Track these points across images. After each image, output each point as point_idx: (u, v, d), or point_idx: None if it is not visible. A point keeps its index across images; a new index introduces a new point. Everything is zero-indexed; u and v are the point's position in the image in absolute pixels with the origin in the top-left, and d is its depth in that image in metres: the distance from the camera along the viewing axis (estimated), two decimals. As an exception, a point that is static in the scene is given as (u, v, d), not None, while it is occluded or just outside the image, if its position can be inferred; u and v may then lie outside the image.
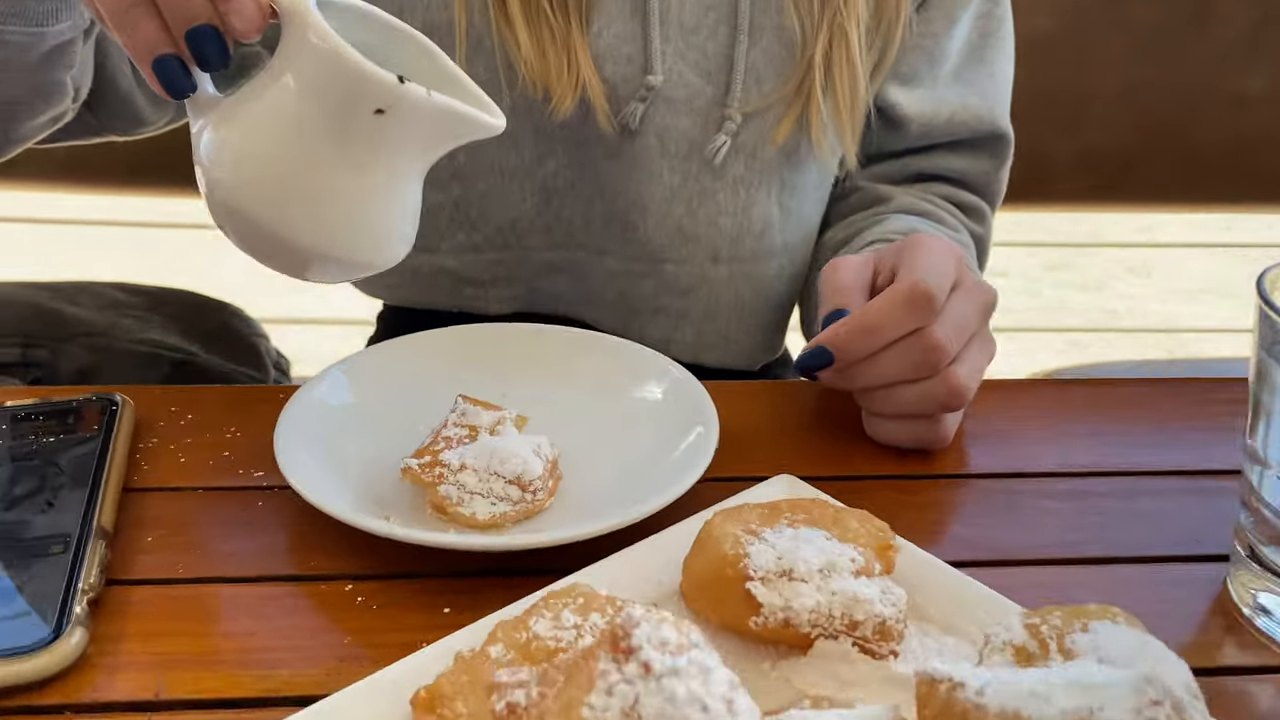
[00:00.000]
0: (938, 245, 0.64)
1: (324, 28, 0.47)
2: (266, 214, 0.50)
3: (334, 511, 0.51)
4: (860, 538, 0.48)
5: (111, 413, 0.62)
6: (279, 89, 0.49)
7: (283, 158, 0.49)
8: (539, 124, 0.77)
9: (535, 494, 0.54)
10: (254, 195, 0.49)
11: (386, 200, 0.52)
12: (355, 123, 0.49)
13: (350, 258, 0.52)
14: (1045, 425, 0.68)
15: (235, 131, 0.50)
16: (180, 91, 0.50)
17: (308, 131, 0.49)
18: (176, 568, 0.53)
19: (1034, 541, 0.58)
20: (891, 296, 0.60)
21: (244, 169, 0.50)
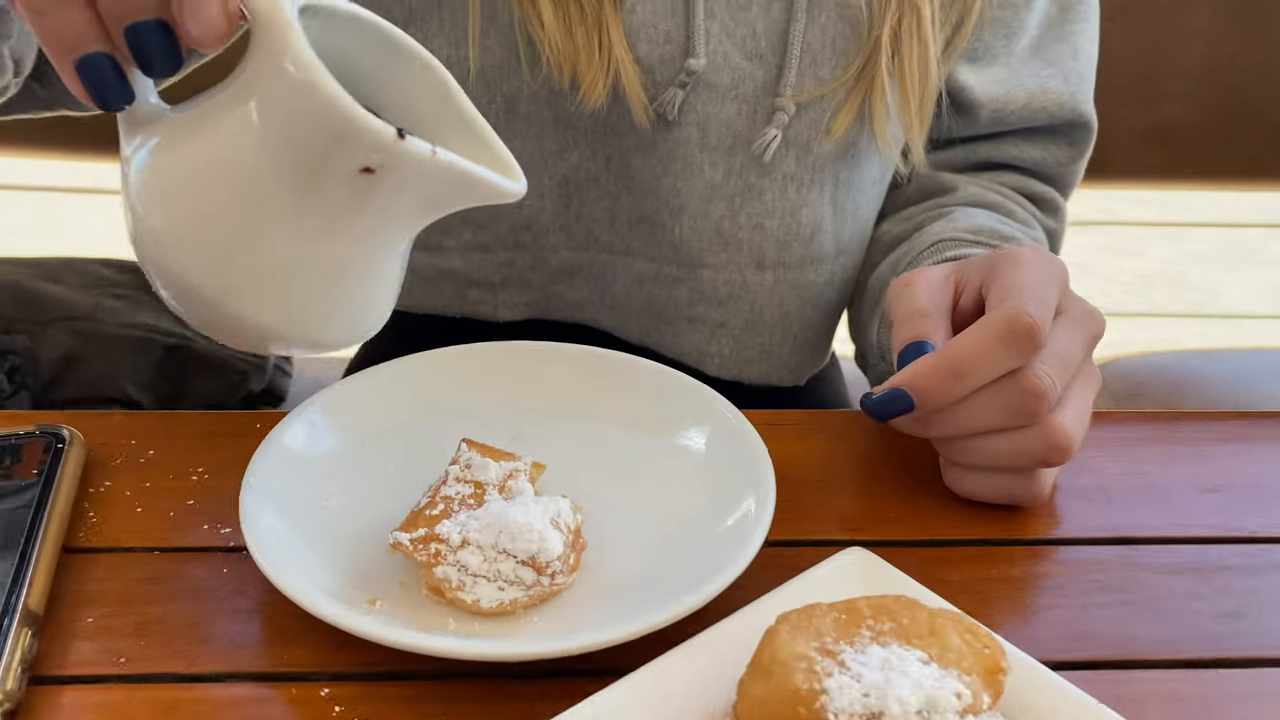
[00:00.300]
0: (1037, 261, 0.54)
1: (305, 53, 0.36)
2: (207, 281, 0.39)
3: (307, 604, 0.42)
4: (964, 659, 0.38)
5: (57, 451, 0.53)
6: (239, 121, 0.38)
7: (234, 213, 0.39)
8: (560, 112, 0.67)
9: (554, 577, 0.44)
10: (193, 256, 0.39)
11: (364, 275, 0.41)
12: (334, 181, 0.38)
13: (310, 339, 0.42)
14: (1150, 470, 0.58)
15: (177, 169, 0.39)
16: (113, 101, 0.39)
17: (270, 183, 0.38)
18: (118, 659, 0.44)
19: (1159, 634, 0.47)
20: (986, 330, 0.50)
21: (183, 220, 0.39)
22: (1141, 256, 2.33)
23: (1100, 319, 0.54)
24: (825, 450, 0.58)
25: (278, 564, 0.44)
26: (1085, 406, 0.53)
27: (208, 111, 0.39)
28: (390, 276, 0.43)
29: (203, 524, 0.51)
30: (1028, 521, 0.54)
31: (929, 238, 0.69)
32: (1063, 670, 0.45)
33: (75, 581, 0.48)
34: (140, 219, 0.39)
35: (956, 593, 0.49)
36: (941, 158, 0.77)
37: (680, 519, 0.49)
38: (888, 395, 0.51)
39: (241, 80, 0.38)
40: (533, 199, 0.69)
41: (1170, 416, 0.62)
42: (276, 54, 0.36)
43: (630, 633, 0.41)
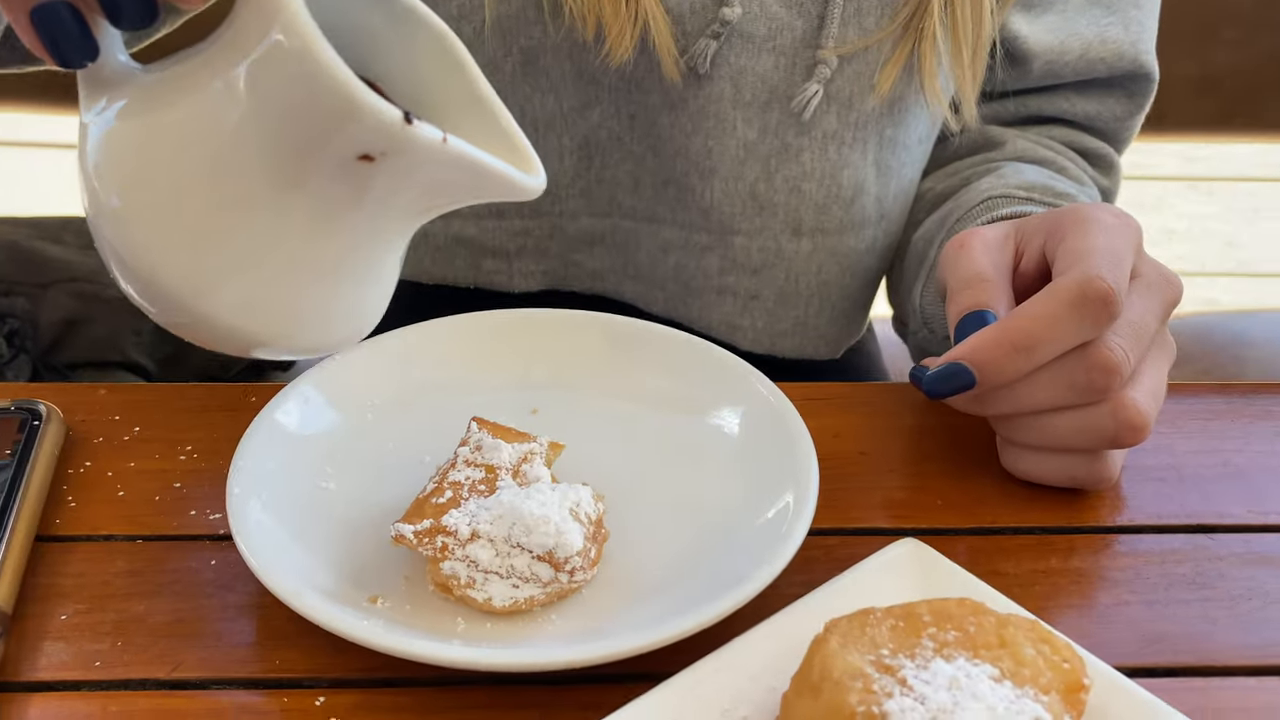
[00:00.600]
0: (1108, 219, 0.48)
1: (300, 17, 0.30)
2: (172, 274, 0.34)
3: (300, 607, 0.37)
4: (1040, 675, 0.34)
5: (33, 429, 0.48)
6: (220, 89, 0.32)
7: (207, 195, 0.33)
8: (583, 65, 0.61)
9: (573, 574, 0.40)
10: (156, 244, 0.33)
11: (355, 274, 0.36)
12: (328, 167, 0.33)
13: (290, 345, 0.37)
14: (1225, 447, 0.52)
15: (143, 139, 0.33)
16: (74, 56, 0.33)
17: (252, 163, 0.32)
18: (94, 663, 0.40)
19: (1244, 636, 0.43)
20: (1055, 298, 0.44)
21: (146, 200, 0.33)
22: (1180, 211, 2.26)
23: (1178, 284, 0.49)
24: (868, 426, 0.53)
25: (268, 560, 0.39)
26: (1160, 381, 0.48)
27: (184, 74, 0.34)
28: (385, 276, 0.38)
29: (190, 509, 0.47)
30: (1091, 506, 0.49)
31: (977, 194, 0.64)
32: (1141, 678, 0.40)
33: (49, 574, 0.43)
34: (97, 196, 0.34)
35: (1013, 586, 0.44)
36: (990, 110, 0.71)
37: (712, 508, 0.45)
38: (945, 371, 0.46)
39: (226, 39, 0.33)
40: (551, 161, 0.64)
41: (1245, 388, 0.57)
42: (268, 15, 0.31)
43: (657, 640, 0.37)
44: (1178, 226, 2.24)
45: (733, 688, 0.37)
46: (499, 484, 0.42)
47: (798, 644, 0.37)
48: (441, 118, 0.36)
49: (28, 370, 1.02)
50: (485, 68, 0.62)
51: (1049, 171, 0.68)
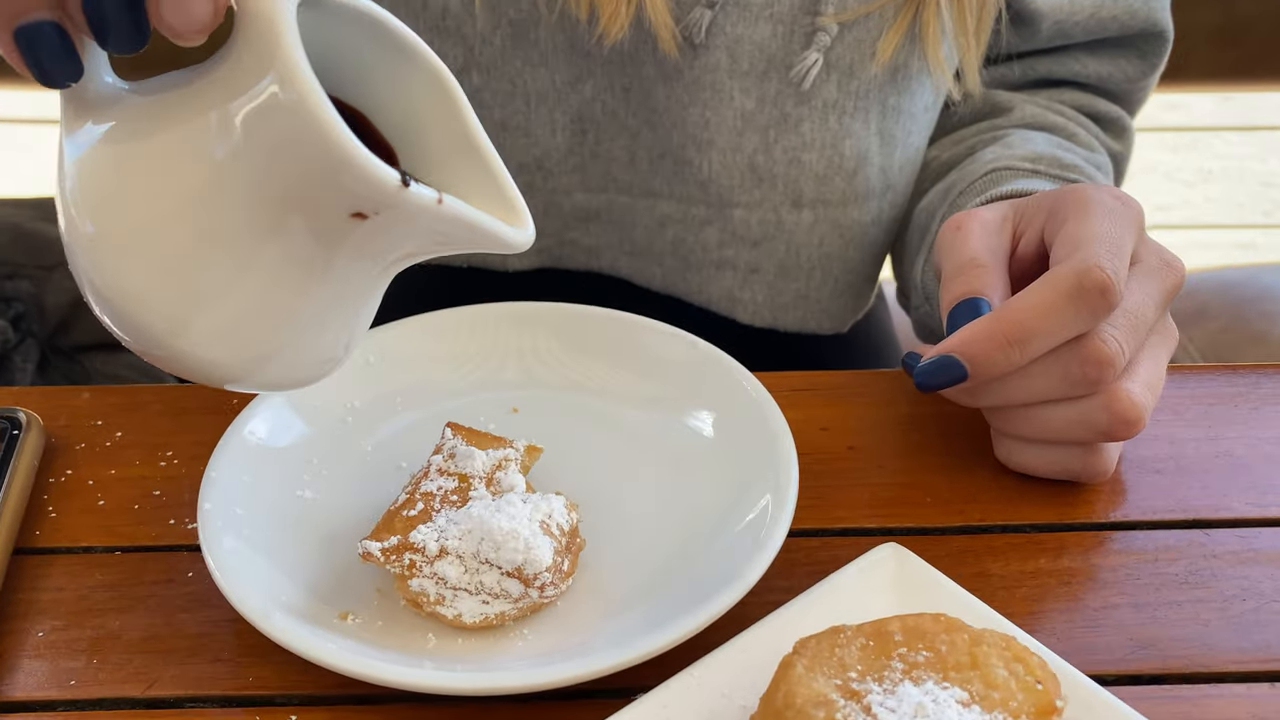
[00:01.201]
0: (1108, 203, 0.47)
1: (300, 70, 0.29)
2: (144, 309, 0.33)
3: (267, 629, 0.37)
4: (1011, 697, 0.33)
5: (12, 439, 0.48)
6: (210, 126, 0.31)
7: (186, 231, 0.32)
8: (575, 37, 0.59)
9: (543, 589, 0.39)
10: (131, 277, 0.32)
11: (335, 317, 0.35)
12: (317, 220, 0.32)
13: (263, 383, 0.36)
14: (1228, 435, 0.51)
15: (124, 165, 0.32)
16: (57, 76, 0.32)
17: (238, 206, 0.31)
18: (69, 681, 0.40)
19: (1239, 640, 0.41)
20: (1052, 288, 0.43)
21: (123, 229, 0.32)
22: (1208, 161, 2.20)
23: (1180, 269, 0.47)
24: (858, 418, 0.52)
25: (238, 578, 0.39)
26: (1158, 372, 0.46)
27: (173, 103, 0.32)
28: (365, 315, 0.37)
29: (169, 518, 0.47)
30: (1085, 501, 0.48)
31: (982, 165, 0.62)
32: (1126, 685, 0.40)
33: (28, 588, 0.43)
34: (73, 221, 0.33)
35: (999, 589, 0.44)
36: (996, 74, 0.69)
37: (690, 513, 0.44)
38: (937, 364, 0.45)
39: (220, 74, 0.31)
40: (544, 136, 0.63)
41: (1252, 369, 0.55)
42: (264, 58, 0.30)
43: (629, 659, 0.36)
44: (1213, 166, 2.19)
45: (705, 707, 0.36)
46: (471, 494, 0.42)
47: (769, 660, 0.36)
48: (432, 158, 0.36)
49: (36, 354, 1.02)
50: (475, 40, 0.61)
51: (1057, 139, 0.66)
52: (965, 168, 0.64)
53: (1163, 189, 2.13)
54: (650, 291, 0.70)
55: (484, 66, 0.61)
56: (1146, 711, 0.37)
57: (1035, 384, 0.45)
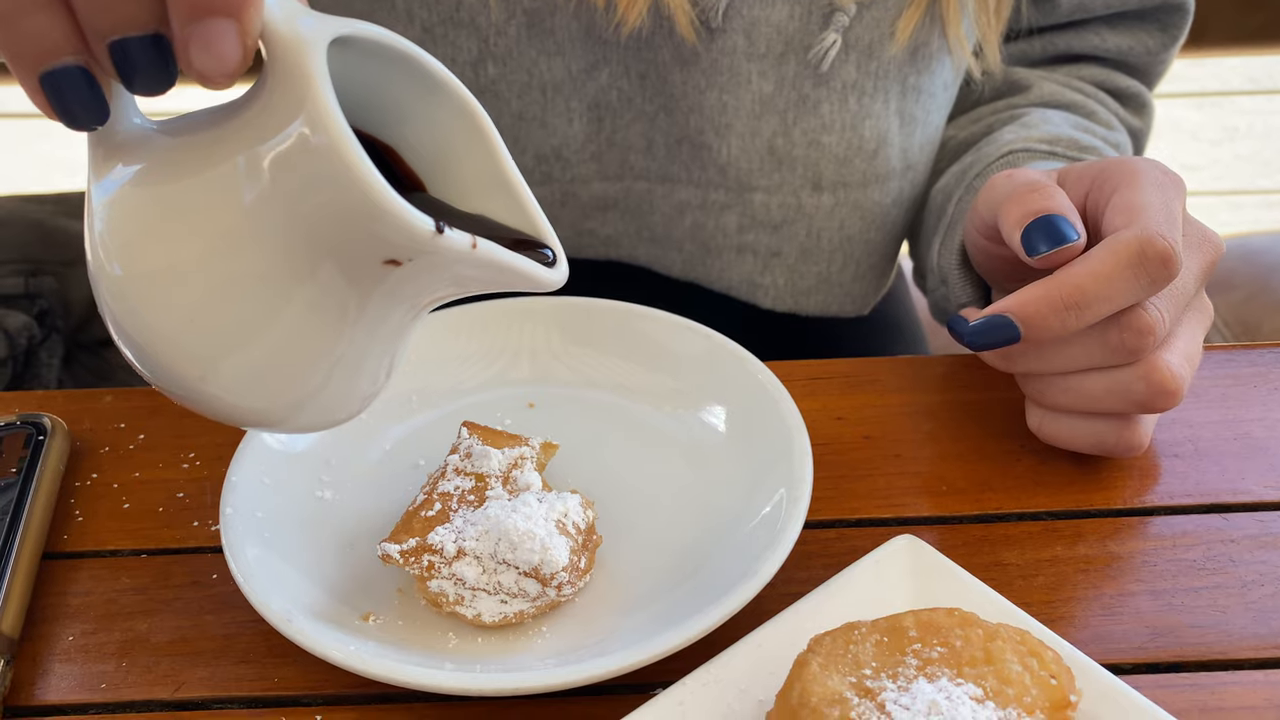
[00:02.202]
0: (1158, 175, 0.46)
1: (331, 115, 0.28)
2: (170, 351, 0.32)
3: (290, 633, 0.38)
4: (1025, 693, 0.33)
5: (38, 444, 0.49)
6: (239, 169, 0.30)
7: (212, 277, 0.31)
8: (590, 24, 0.59)
9: (560, 588, 0.39)
10: (154, 317, 0.32)
11: (364, 361, 0.34)
12: (350, 268, 0.31)
13: (292, 427, 0.36)
14: (1247, 417, 0.51)
15: (151, 209, 0.31)
16: (85, 120, 0.31)
17: (266, 253, 0.31)
18: (99, 685, 0.41)
19: (1258, 626, 0.41)
20: (1114, 254, 0.42)
21: (147, 272, 0.32)
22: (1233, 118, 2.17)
23: (1218, 244, 0.47)
24: (872, 407, 0.52)
25: (260, 582, 0.40)
26: (1195, 344, 0.46)
27: (201, 145, 0.32)
28: (400, 355, 0.37)
29: (193, 520, 0.47)
30: (1100, 487, 0.48)
31: (999, 147, 0.61)
32: (1143, 674, 0.40)
33: (57, 593, 0.44)
34: (100, 262, 0.33)
35: (1015, 578, 0.44)
36: (1015, 50, 0.68)
37: (705, 508, 0.44)
38: (989, 323, 0.44)
39: (250, 116, 0.31)
40: (560, 125, 0.63)
41: (1272, 347, 0.55)
42: (294, 100, 0.29)
43: (646, 657, 0.37)
44: (1239, 123, 2.15)
45: (721, 703, 0.37)
46: (488, 493, 0.42)
47: (786, 655, 0.37)
48: (463, 192, 0.35)
49: (60, 350, 1.03)
50: (490, 31, 0.61)
51: (1076, 118, 0.65)
52: (982, 149, 0.63)
53: (1188, 148, 2.10)
54: (670, 279, 0.70)
55: (499, 57, 0.61)
56: (1163, 700, 0.37)
57: (1074, 351, 0.44)
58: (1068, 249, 0.43)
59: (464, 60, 0.61)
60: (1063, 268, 0.43)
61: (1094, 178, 0.47)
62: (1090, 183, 0.47)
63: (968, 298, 0.57)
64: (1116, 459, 0.49)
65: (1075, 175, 0.48)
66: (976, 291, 0.57)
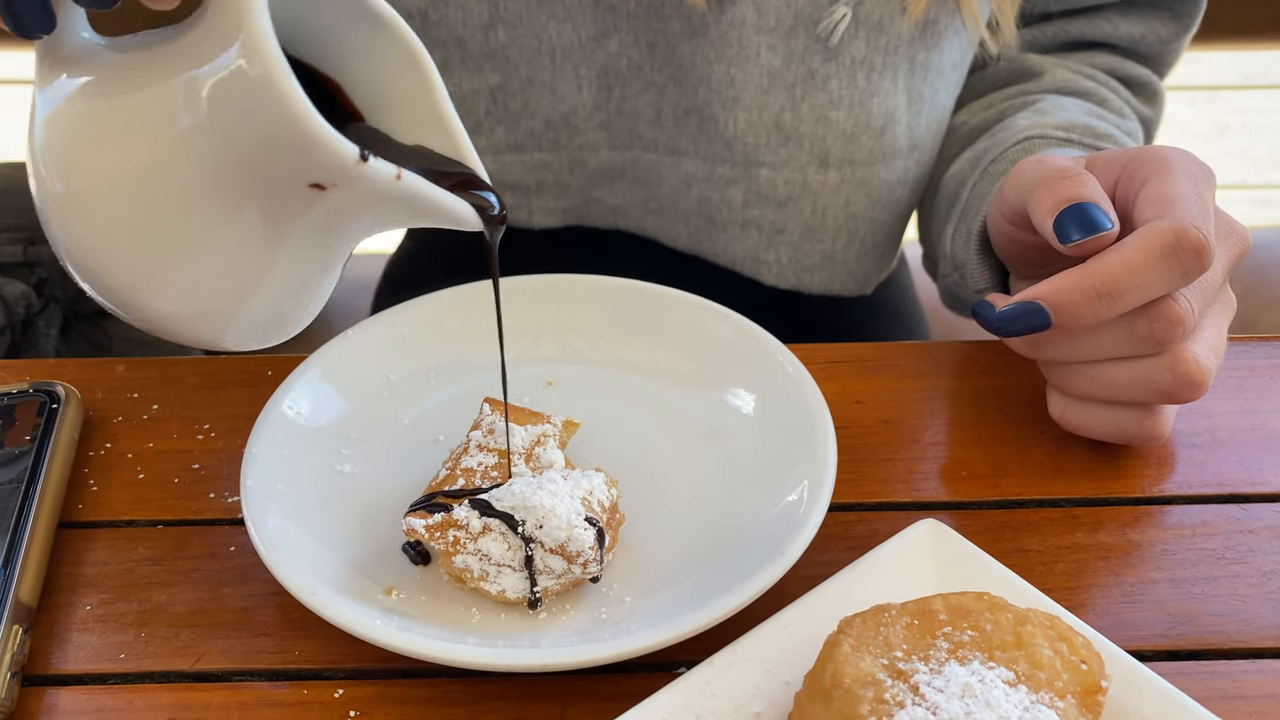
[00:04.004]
0: (1189, 166, 0.46)
1: (266, 43, 0.30)
2: (111, 267, 0.34)
3: (314, 605, 0.38)
4: (1057, 677, 0.33)
5: (51, 413, 0.49)
6: (177, 91, 0.32)
7: (152, 190, 0.33)
8: None
9: (585, 565, 0.39)
10: (96, 234, 0.33)
11: (294, 281, 0.36)
12: (278, 188, 0.33)
13: (231, 343, 0.37)
14: (1264, 408, 0.51)
15: (93, 122, 0.33)
16: (31, 26, 0.33)
17: (202, 170, 0.32)
18: (118, 655, 0.40)
19: (1270, 617, 0.42)
20: (1148, 244, 0.42)
21: (87, 188, 0.33)
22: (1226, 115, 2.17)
23: (1245, 237, 0.47)
24: (890, 391, 0.52)
25: (283, 554, 0.39)
26: (1221, 337, 0.46)
27: (143, 64, 0.33)
28: (325, 284, 0.38)
29: (209, 491, 0.47)
30: (1119, 476, 0.48)
31: (1015, 133, 0.61)
32: (1164, 661, 0.40)
33: (73, 562, 0.44)
34: (43, 180, 0.34)
35: (1036, 564, 0.44)
36: (1028, 36, 0.68)
37: (728, 490, 0.44)
38: (1021, 309, 0.44)
39: (191, 39, 0.32)
40: (569, 92, 0.62)
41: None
42: (232, 28, 0.31)
43: (670, 637, 0.37)
44: (1231, 121, 2.16)
45: (748, 682, 0.37)
46: (512, 470, 0.42)
47: (812, 637, 0.37)
48: (402, 130, 0.37)
49: (59, 319, 1.03)
50: None
51: (1089, 105, 0.65)
52: (997, 135, 0.63)
53: (1181, 144, 2.11)
54: (676, 252, 0.70)
55: (509, 22, 0.60)
56: (1185, 687, 0.37)
57: (1101, 339, 0.44)
58: (1101, 238, 0.43)
59: (474, 24, 0.61)
60: (1095, 256, 0.43)
61: (1124, 166, 0.47)
62: (1120, 171, 0.47)
63: (986, 283, 0.56)
64: (1136, 448, 0.49)
65: (1104, 163, 0.48)
66: (994, 277, 0.57)
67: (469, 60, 0.62)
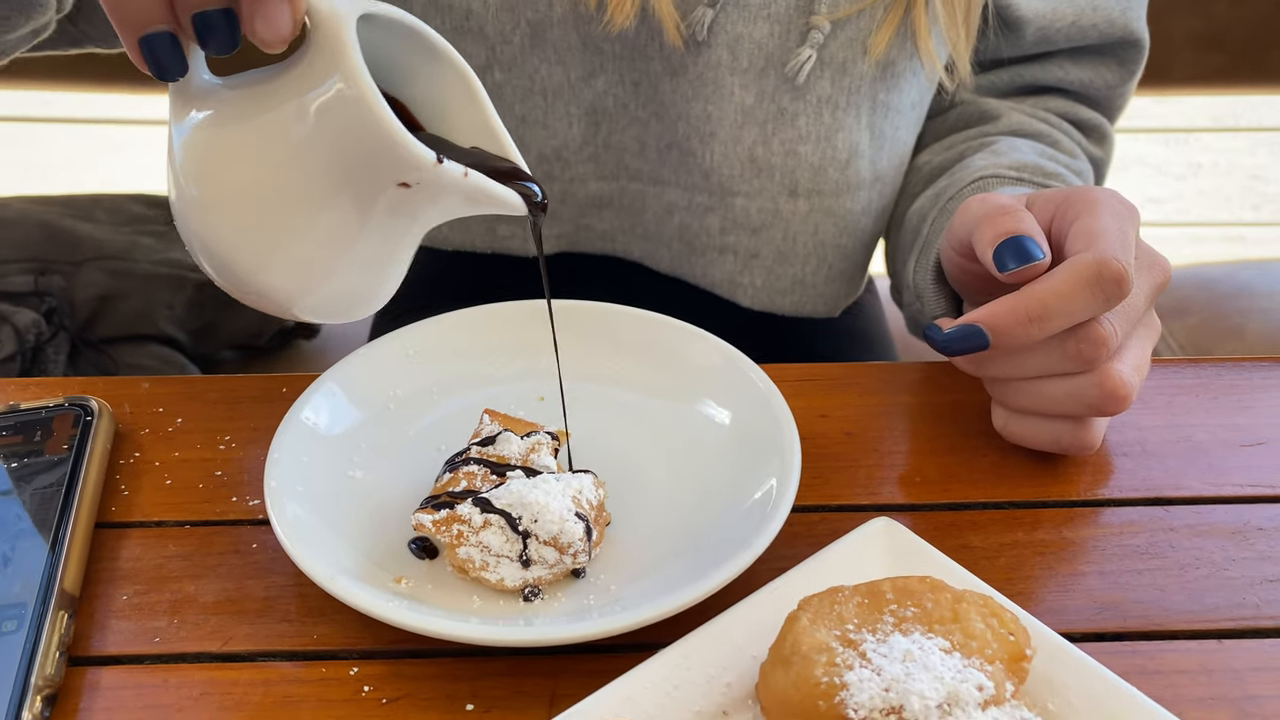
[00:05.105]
0: (1114, 204, 0.51)
1: (360, 73, 0.38)
2: (237, 253, 0.42)
3: (333, 590, 0.42)
4: (987, 646, 0.38)
5: (86, 424, 0.53)
6: (289, 114, 0.40)
7: (268, 194, 0.41)
8: (588, 35, 0.65)
9: (575, 556, 0.44)
10: (225, 228, 0.42)
11: (382, 263, 0.44)
12: (372, 189, 0.41)
13: (328, 313, 0.45)
14: (1189, 422, 0.56)
15: (221, 143, 0.41)
16: (171, 74, 0.41)
17: (308, 177, 0.41)
18: (154, 639, 0.45)
19: (1192, 602, 0.47)
20: (1074, 274, 0.47)
21: (219, 192, 0.41)
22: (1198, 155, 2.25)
23: (1166, 267, 0.52)
24: (854, 407, 0.57)
25: (304, 547, 0.44)
26: (1144, 356, 0.51)
27: (259, 95, 0.41)
28: (404, 262, 0.46)
29: (231, 495, 0.52)
30: (1057, 481, 0.53)
31: (971, 172, 0.67)
32: (1091, 642, 0.45)
33: (109, 558, 0.48)
34: (180, 187, 0.42)
35: (980, 559, 0.49)
36: (985, 81, 0.74)
37: (703, 491, 0.49)
38: (962, 331, 0.49)
39: (297, 73, 0.40)
40: (560, 128, 0.68)
41: (1213, 362, 0.60)
42: (331, 62, 0.39)
43: (651, 616, 0.41)
44: (1203, 160, 2.24)
45: (719, 657, 0.41)
46: (509, 474, 0.47)
47: (777, 617, 0.41)
48: (456, 136, 0.45)
49: (67, 347, 1.07)
50: (497, 40, 0.66)
51: (1041, 146, 0.71)
52: (955, 174, 0.69)
53: (1154, 182, 2.19)
54: (660, 274, 0.75)
55: (505, 64, 0.66)
56: (1109, 664, 0.42)
57: (1037, 359, 0.49)
58: (1033, 267, 0.49)
59: (473, 66, 0.66)
60: (1028, 284, 0.48)
61: (1059, 204, 0.52)
62: (1055, 208, 0.52)
63: (941, 310, 0.62)
64: (1072, 457, 0.54)
65: (1042, 201, 0.53)
66: (949, 304, 0.62)
67: None
